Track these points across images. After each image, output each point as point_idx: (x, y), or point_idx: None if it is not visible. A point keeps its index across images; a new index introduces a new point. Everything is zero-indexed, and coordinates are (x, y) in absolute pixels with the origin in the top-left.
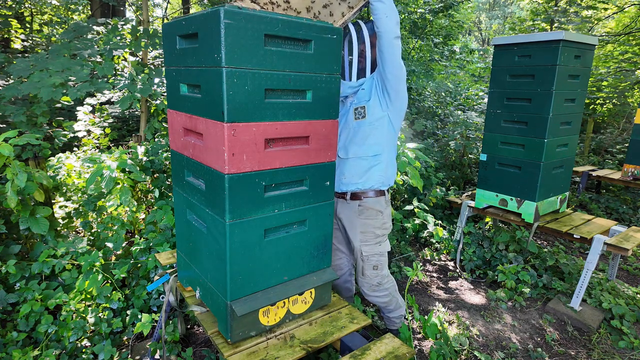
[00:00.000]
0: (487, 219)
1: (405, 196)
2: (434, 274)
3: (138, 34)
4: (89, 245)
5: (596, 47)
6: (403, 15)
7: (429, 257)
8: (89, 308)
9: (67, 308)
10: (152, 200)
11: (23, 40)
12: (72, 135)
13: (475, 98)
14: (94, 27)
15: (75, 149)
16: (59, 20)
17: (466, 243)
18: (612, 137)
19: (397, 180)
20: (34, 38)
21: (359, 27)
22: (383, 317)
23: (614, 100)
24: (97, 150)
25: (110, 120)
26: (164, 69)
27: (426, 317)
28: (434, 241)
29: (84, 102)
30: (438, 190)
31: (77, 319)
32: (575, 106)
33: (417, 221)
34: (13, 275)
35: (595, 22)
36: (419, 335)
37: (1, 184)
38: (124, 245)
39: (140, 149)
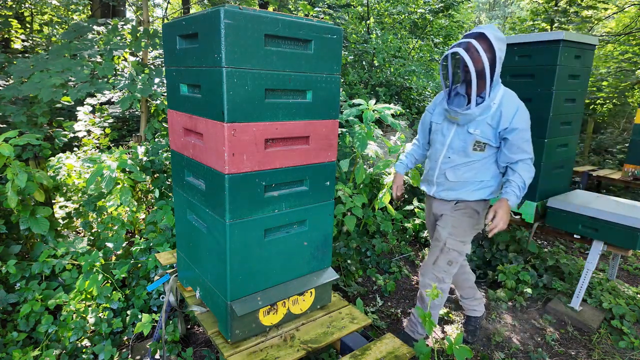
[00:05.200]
0: None
1: (406, 196)
2: None
3: (138, 34)
4: (89, 245)
5: (596, 47)
6: (403, 16)
7: None
8: (89, 308)
9: (67, 308)
10: (152, 200)
11: (23, 41)
12: (72, 135)
13: None
14: (94, 27)
15: (75, 149)
16: (59, 20)
17: None
18: (612, 137)
19: None
20: (34, 38)
21: (471, 47)
22: (409, 320)
23: (614, 100)
24: (97, 151)
25: (111, 121)
26: (164, 69)
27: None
28: None
29: (84, 102)
30: None
31: (77, 319)
32: (575, 106)
33: (418, 221)
34: (13, 275)
35: (596, 22)
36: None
37: (1, 184)
38: (124, 245)
39: (141, 149)
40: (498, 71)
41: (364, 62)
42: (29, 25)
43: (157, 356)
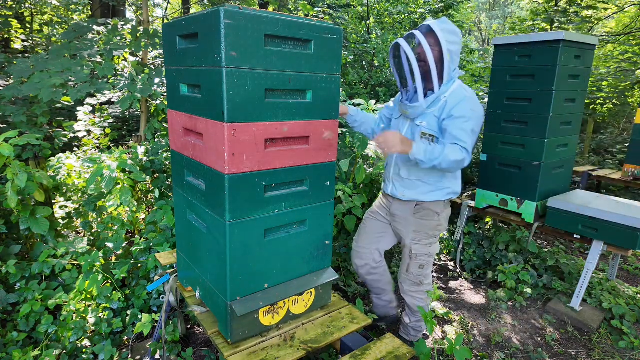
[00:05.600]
0: (487, 219)
1: None
2: (434, 274)
3: (138, 34)
4: (89, 245)
5: (596, 47)
6: (403, 16)
7: None
8: (89, 308)
9: (67, 308)
10: (152, 201)
11: (23, 41)
12: (72, 135)
13: None
14: (94, 27)
15: (75, 149)
16: (59, 20)
17: (466, 243)
18: (612, 137)
19: None
20: (34, 38)
21: (412, 38)
22: (401, 324)
23: (614, 100)
24: (97, 151)
25: (111, 121)
26: (164, 69)
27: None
28: None
29: (84, 103)
30: None
31: (77, 319)
32: (575, 106)
33: None
34: (13, 275)
35: (596, 22)
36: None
37: (1, 184)
38: (124, 245)
39: (141, 149)
40: (449, 64)
41: (364, 62)
42: (29, 25)
43: (157, 356)
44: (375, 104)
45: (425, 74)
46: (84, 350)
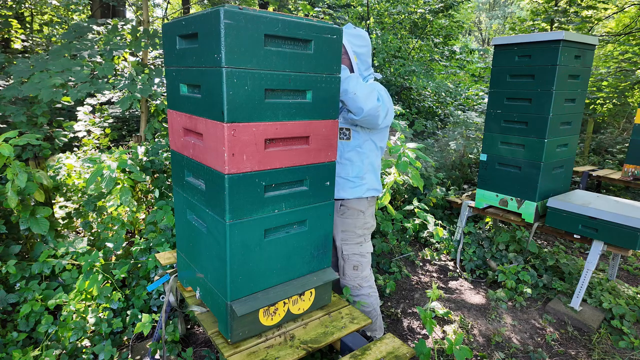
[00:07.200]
0: (487, 219)
1: (405, 196)
2: (434, 274)
3: (138, 34)
4: (89, 245)
5: (596, 47)
6: (403, 16)
7: (429, 257)
8: (89, 308)
9: (67, 308)
10: (152, 201)
11: (23, 41)
12: (72, 135)
13: (475, 98)
14: (94, 27)
15: (75, 149)
16: (59, 20)
17: (466, 243)
18: (612, 137)
19: (398, 180)
20: (34, 38)
21: None
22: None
23: (614, 100)
24: (97, 151)
25: (111, 121)
26: (164, 69)
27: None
28: (434, 241)
29: (84, 103)
30: (438, 190)
31: (77, 319)
32: (575, 106)
33: (417, 221)
34: (13, 275)
35: (595, 22)
36: (418, 336)
37: (1, 184)
38: (124, 245)
39: (141, 149)
40: (358, 66)
41: None
42: (29, 25)
43: (157, 356)
44: None
45: None
46: (84, 350)
